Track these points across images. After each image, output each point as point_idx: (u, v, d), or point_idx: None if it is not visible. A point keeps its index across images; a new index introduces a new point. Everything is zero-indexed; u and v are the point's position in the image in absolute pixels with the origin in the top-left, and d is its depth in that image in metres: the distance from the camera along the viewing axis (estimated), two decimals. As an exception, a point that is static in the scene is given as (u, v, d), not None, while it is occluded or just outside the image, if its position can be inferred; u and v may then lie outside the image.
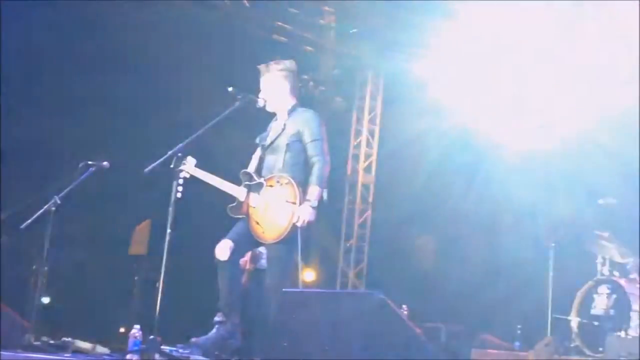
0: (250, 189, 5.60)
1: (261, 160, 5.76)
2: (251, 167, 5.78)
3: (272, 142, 5.66)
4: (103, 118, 9.73)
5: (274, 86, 5.73)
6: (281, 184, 5.48)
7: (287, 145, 5.59)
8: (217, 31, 10.86)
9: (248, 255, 6.41)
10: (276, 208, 5.46)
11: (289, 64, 5.78)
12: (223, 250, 5.53)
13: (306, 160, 5.58)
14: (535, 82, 9.89)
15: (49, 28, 9.22)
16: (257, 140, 5.83)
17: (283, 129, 5.65)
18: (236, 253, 5.57)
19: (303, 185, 5.50)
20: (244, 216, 5.63)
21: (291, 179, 5.46)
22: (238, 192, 5.62)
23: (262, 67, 5.78)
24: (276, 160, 5.60)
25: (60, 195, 6.03)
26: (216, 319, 5.70)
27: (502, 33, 9.86)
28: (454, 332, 7.90)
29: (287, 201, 5.42)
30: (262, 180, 5.59)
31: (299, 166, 5.56)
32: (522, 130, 10.36)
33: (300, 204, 5.40)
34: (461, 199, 10.83)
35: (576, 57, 9.18)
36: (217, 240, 5.72)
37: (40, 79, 9.33)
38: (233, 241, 5.53)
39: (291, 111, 5.72)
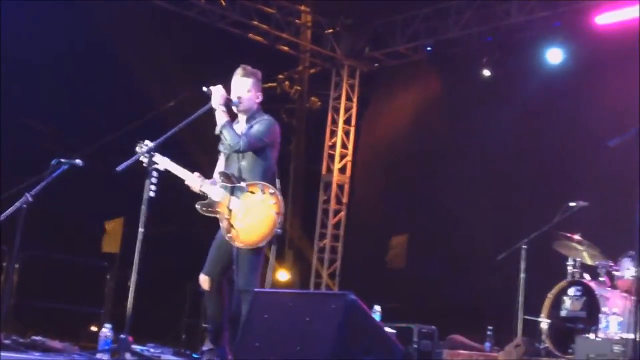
0: (228, 191, 5.55)
1: (226, 165, 5.72)
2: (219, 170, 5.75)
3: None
4: (76, 114, 9.68)
5: (252, 91, 5.71)
6: (264, 193, 5.46)
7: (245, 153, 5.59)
8: (194, 30, 10.83)
9: None
10: (258, 216, 5.42)
11: (260, 75, 5.80)
12: (205, 283, 5.58)
13: (266, 167, 5.59)
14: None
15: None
16: (220, 148, 5.78)
17: None
18: (217, 282, 5.58)
19: None
20: (215, 215, 5.60)
21: (276, 190, 5.44)
22: (214, 192, 5.57)
23: (250, 69, 5.75)
24: (237, 168, 5.58)
25: (32, 192, 5.97)
26: (203, 348, 5.71)
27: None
28: (426, 332, 7.91)
29: (273, 212, 5.38)
30: (243, 184, 5.53)
31: (257, 171, 5.55)
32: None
33: (284, 215, 5.39)
34: (435, 200, 10.88)
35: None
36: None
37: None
38: (210, 275, 5.56)
39: (249, 119, 5.70)
